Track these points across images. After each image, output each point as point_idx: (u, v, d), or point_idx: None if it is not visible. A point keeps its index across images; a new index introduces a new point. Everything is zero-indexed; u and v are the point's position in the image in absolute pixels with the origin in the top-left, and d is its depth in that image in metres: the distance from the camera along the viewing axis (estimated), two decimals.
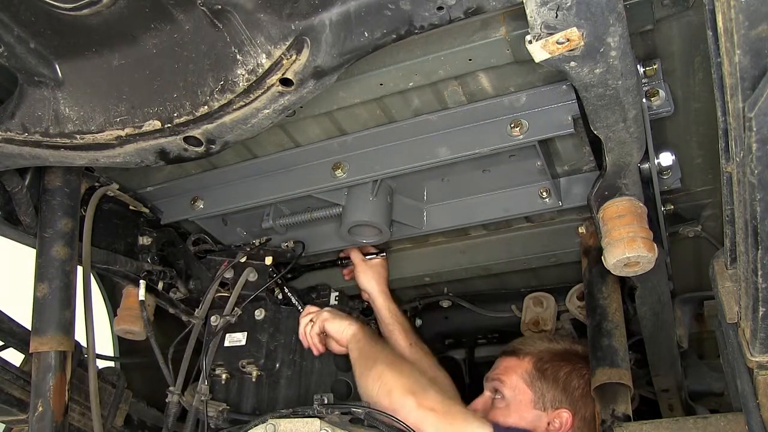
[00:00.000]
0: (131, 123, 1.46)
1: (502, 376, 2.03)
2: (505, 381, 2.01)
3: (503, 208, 2.09)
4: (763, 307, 1.13)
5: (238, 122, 1.42)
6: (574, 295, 2.40)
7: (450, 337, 2.92)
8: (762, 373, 1.31)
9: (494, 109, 1.76)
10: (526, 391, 1.98)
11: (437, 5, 1.18)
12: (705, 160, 1.85)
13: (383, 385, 1.87)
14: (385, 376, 1.88)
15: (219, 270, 2.25)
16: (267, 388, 2.18)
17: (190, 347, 2.18)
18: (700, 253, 2.21)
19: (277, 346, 2.18)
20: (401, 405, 1.79)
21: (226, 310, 2.19)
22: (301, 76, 1.31)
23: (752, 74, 0.88)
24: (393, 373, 1.88)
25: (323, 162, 1.99)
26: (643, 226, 1.54)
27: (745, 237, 1.10)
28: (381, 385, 1.87)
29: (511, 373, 2.03)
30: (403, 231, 2.22)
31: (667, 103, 1.64)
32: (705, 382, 2.53)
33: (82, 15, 1.28)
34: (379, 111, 1.85)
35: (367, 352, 2.02)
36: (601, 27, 1.09)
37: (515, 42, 1.53)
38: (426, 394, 1.82)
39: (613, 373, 1.77)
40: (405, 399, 1.80)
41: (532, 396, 1.96)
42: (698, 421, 1.58)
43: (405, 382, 1.85)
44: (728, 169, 1.13)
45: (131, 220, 2.29)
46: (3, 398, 1.94)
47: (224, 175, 2.14)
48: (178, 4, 1.29)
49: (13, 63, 1.42)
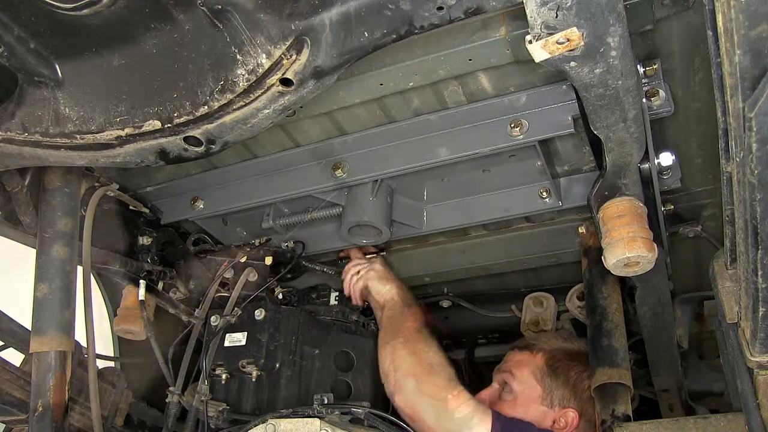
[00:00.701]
0: (131, 123, 1.46)
1: (513, 369, 2.04)
2: (516, 374, 2.02)
3: (503, 208, 2.09)
4: (763, 307, 1.13)
5: (238, 122, 1.42)
6: (574, 295, 2.40)
7: (450, 337, 2.92)
8: (762, 373, 1.31)
9: (494, 109, 1.76)
10: (535, 387, 1.98)
11: (437, 5, 1.18)
12: (705, 160, 1.85)
13: (392, 361, 1.92)
14: (396, 352, 1.92)
15: (219, 270, 2.25)
16: (267, 388, 2.17)
17: (190, 347, 2.18)
18: (700, 253, 2.21)
19: (277, 346, 2.18)
20: (402, 385, 1.83)
21: (226, 310, 2.19)
22: (301, 76, 1.31)
23: (752, 74, 0.88)
24: (405, 351, 1.92)
25: (323, 162, 1.99)
26: (643, 226, 1.54)
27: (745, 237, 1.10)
28: (391, 361, 1.92)
29: (523, 367, 2.03)
30: (403, 231, 2.22)
31: (667, 103, 1.64)
32: (705, 382, 2.53)
33: (82, 15, 1.28)
34: (379, 111, 1.85)
35: (395, 321, 2.07)
36: (601, 27, 1.09)
37: (515, 42, 1.53)
38: (428, 378, 1.82)
39: (613, 373, 1.77)
40: (406, 380, 1.82)
41: (540, 392, 1.97)
42: (698, 421, 1.58)
43: (412, 362, 1.87)
44: (728, 169, 1.13)
45: (131, 220, 2.29)
46: (3, 398, 1.93)
47: (224, 175, 2.14)
48: (178, 4, 1.29)
49: (13, 63, 1.42)
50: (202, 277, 2.34)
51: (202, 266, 2.35)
